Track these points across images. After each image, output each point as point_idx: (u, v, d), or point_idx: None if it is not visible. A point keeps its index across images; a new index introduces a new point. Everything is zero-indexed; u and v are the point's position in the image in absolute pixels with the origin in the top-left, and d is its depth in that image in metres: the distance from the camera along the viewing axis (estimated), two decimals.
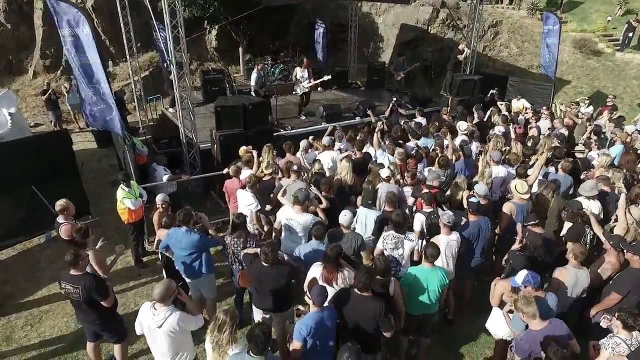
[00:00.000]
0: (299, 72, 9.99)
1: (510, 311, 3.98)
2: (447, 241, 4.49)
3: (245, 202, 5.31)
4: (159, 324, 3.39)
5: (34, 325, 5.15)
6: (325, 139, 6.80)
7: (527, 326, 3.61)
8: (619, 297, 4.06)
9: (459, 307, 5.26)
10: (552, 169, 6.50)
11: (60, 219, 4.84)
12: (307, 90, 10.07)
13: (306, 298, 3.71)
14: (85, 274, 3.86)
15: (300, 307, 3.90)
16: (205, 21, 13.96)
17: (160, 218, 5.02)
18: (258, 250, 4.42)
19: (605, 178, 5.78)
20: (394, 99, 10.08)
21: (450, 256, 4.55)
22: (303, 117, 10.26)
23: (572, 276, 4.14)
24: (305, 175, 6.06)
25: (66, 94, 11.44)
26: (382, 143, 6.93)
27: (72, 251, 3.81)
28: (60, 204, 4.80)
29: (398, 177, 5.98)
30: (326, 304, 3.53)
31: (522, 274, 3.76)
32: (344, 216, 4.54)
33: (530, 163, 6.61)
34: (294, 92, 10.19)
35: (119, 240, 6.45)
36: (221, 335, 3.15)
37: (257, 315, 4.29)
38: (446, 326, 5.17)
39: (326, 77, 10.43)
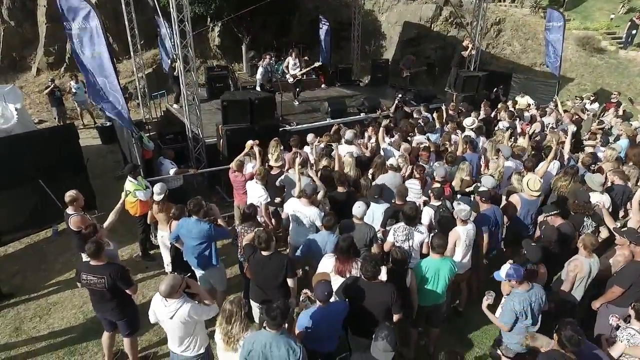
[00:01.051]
0: (291, 61, 10.71)
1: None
2: (465, 231, 4.54)
3: (255, 194, 5.31)
4: (170, 316, 3.37)
5: (42, 317, 5.15)
6: (349, 135, 6.76)
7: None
8: (620, 290, 4.05)
9: (469, 298, 5.26)
10: (557, 163, 6.49)
11: (69, 210, 4.81)
12: (299, 77, 10.77)
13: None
14: (109, 264, 3.88)
15: (307, 291, 3.79)
16: (208, 18, 13.97)
17: (159, 207, 5.08)
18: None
19: (621, 172, 5.76)
20: (399, 95, 10.09)
21: (469, 245, 4.60)
22: (296, 104, 10.91)
23: (587, 266, 4.13)
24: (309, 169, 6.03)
25: (73, 90, 11.41)
26: (388, 139, 6.92)
27: (93, 242, 3.79)
28: (69, 194, 4.78)
29: (404, 170, 5.96)
30: (335, 298, 3.50)
31: (504, 268, 3.69)
32: (357, 207, 4.53)
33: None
34: (288, 80, 10.93)
35: (126, 234, 6.50)
36: (230, 326, 3.10)
37: (255, 309, 4.21)
38: (456, 317, 5.18)
39: (317, 64, 11.41)
